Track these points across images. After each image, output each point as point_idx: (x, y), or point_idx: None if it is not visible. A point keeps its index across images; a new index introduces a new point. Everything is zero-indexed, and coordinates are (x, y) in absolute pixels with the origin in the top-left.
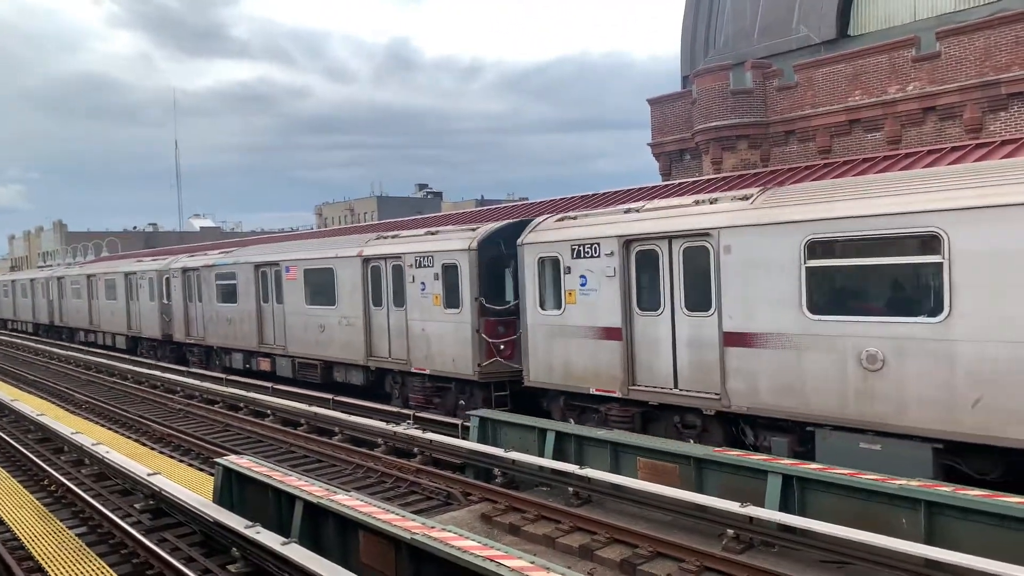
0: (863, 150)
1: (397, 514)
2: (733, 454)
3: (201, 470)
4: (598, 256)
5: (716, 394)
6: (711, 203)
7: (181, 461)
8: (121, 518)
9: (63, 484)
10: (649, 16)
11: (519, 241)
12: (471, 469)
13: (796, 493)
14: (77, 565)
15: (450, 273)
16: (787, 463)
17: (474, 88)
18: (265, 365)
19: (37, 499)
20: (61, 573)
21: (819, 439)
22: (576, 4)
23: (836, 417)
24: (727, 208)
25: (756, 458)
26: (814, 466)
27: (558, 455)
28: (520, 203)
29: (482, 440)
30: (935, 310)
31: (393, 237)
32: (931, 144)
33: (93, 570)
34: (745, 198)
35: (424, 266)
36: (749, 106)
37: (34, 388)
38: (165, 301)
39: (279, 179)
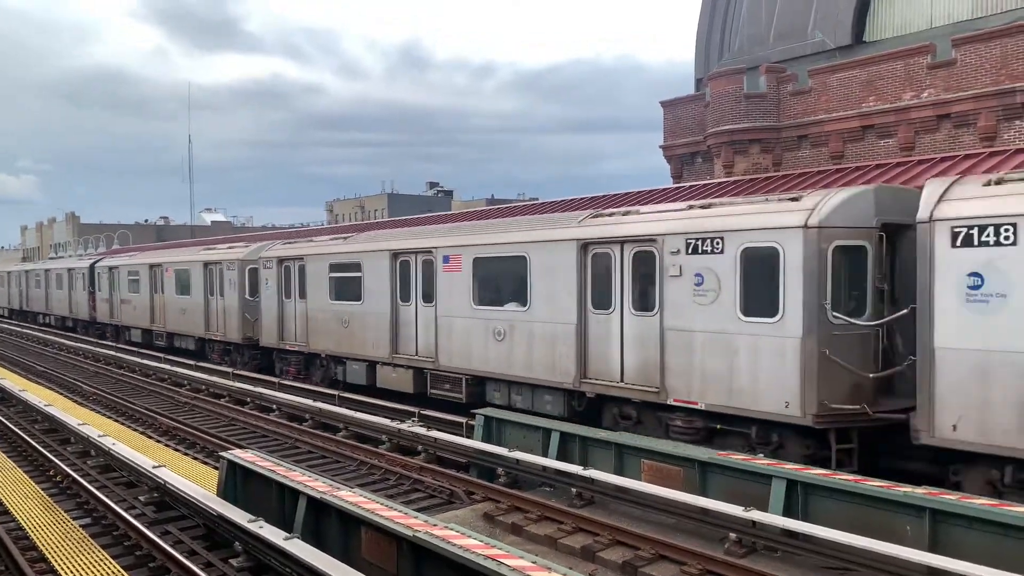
0: (876, 156)
1: (400, 511)
2: (737, 458)
3: (206, 463)
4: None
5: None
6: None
7: (186, 454)
8: (125, 510)
9: (68, 475)
10: (663, 20)
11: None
12: (475, 468)
13: (800, 498)
14: (80, 556)
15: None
16: (792, 468)
17: (487, 87)
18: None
19: (42, 489)
20: (64, 563)
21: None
22: (590, 7)
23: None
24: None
25: (760, 463)
26: (818, 471)
27: (562, 456)
28: (529, 203)
29: (486, 439)
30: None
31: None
32: (944, 151)
33: (96, 561)
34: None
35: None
36: (762, 110)
37: (42, 379)
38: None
39: (291, 175)
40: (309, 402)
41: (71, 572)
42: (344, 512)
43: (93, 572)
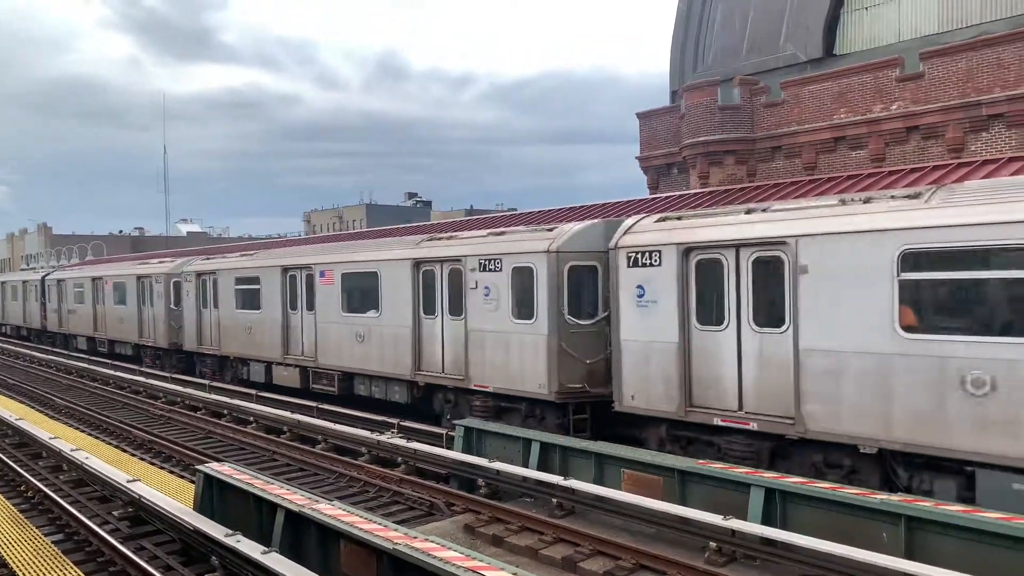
0: (848, 167)
1: (379, 524)
2: (717, 467)
3: (182, 477)
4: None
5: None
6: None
7: (162, 468)
8: (99, 525)
9: (40, 490)
10: (639, 31)
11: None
12: (455, 479)
13: (778, 506)
14: (52, 572)
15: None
16: (770, 476)
17: (464, 98)
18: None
19: (13, 505)
20: None
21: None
22: (566, 18)
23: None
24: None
25: (739, 471)
26: (796, 479)
27: (542, 466)
28: (507, 213)
29: (466, 450)
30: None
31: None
32: (914, 163)
33: None
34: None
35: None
36: (736, 122)
37: (14, 392)
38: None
39: (268, 185)
40: (287, 414)
41: None
42: (323, 525)
43: None
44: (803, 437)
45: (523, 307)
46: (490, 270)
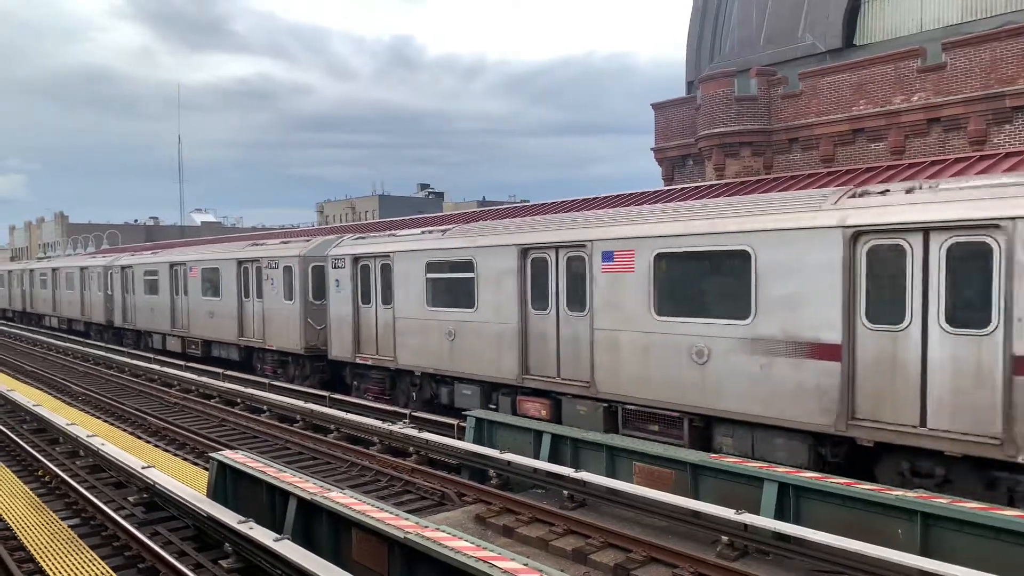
0: (866, 159)
1: (391, 513)
2: (729, 461)
3: (196, 464)
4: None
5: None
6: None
7: (176, 455)
8: (114, 510)
9: (57, 475)
10: (654, 20)
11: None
12: (466, 470)
13: (792, 501)
14: (69, 556)
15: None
16: (783, 471)
17: (476, 88)
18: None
19: (31, 489)
20: (53, 564)
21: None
22: (580, 7)
23: None
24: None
25: (752, 466)
26: (810, 475)
27: (553, 458)
28: (520, 204)
29: (478, 441)
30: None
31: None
32: (934, 155)
33: (85, 562)
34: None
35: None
36: (753, 113)
37: (31, 379)
38: None
39: (280, 176)
40: (300, 403)
41: (59, 572)
42: (335, 513)
43: (82, 572)
44: None
45: None
46: None
